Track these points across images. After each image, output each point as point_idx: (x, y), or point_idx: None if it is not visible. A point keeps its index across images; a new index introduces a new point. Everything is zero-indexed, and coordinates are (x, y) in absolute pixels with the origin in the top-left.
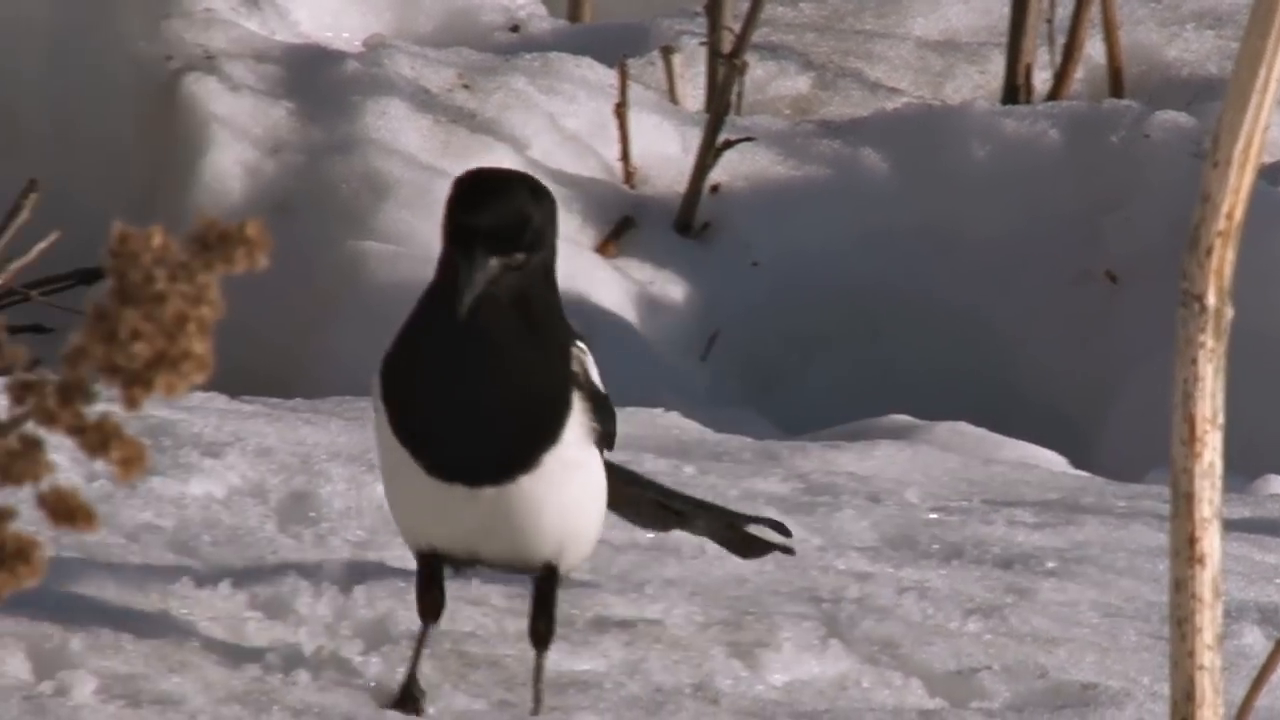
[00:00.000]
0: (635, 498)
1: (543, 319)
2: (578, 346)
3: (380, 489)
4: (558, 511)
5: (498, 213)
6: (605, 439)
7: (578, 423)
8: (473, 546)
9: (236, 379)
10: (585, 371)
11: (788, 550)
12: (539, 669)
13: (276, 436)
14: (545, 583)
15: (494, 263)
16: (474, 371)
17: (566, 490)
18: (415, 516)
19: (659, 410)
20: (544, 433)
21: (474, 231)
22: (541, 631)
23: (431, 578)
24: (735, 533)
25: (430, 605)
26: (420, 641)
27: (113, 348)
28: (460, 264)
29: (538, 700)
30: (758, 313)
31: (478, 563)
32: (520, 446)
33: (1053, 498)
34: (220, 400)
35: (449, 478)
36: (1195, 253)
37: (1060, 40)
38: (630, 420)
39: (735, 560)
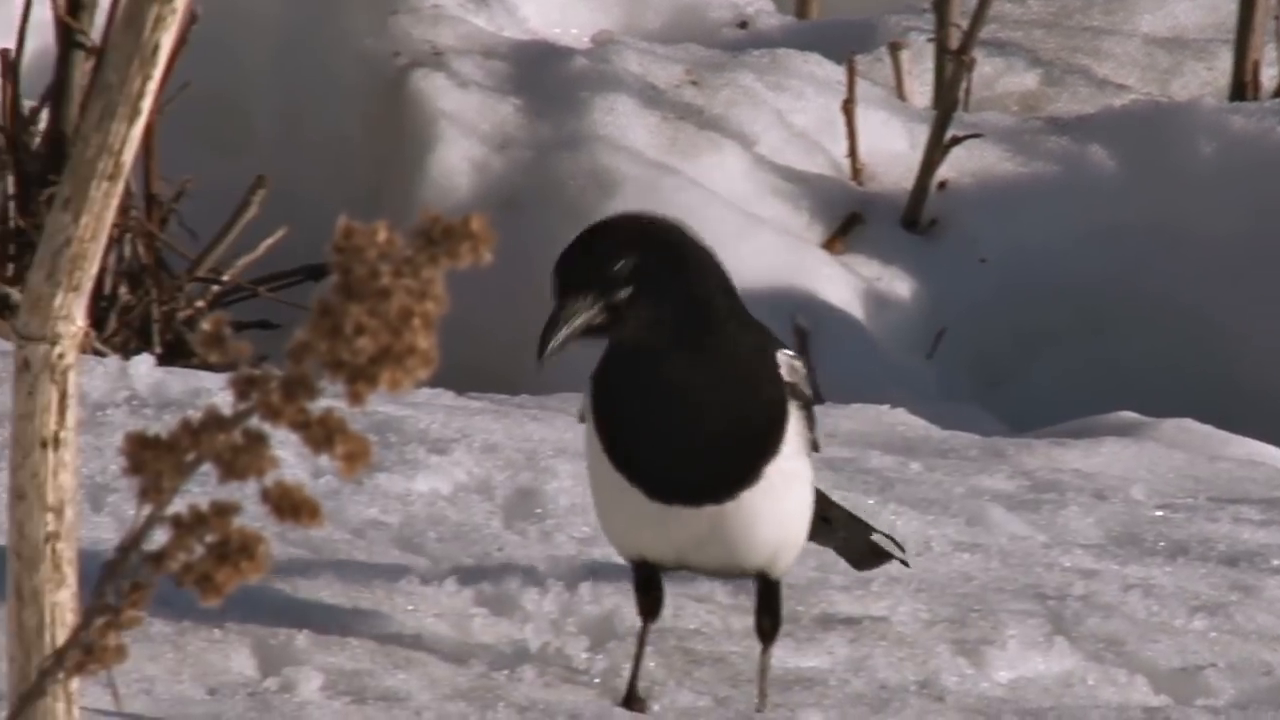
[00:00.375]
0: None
1: (732, 335)
2: (785, 354)
3: None
4: (775, 522)
5: (581, 257)
6: (813, 444)
7: (794, 431)
8: (685, 556)
9: (463, 375)
10: (798, 379)
11: (904, 563)
12: (764, 666)
13: (503, 433)
14: (765, 583)
15: (585, 305)
16: (683, 399)
17: (784, 501)
18: (628, 532)
19: (885, 407)
20: (764, 446)
21: (556, 275)
22: (766, 628)
23: (649, 579)
24: (866, 544)
25: (649, 604)
26: (641, 640)
27: (337, 343)
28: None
29: (762, 697)
30: (984, 309)
31: (686, 569)
32: (742, 462)
33: (1279, 495)
34: (447, 396)
35: (670, 500)
36: None
37: None
38: (856, 417)
39: (962, 557)
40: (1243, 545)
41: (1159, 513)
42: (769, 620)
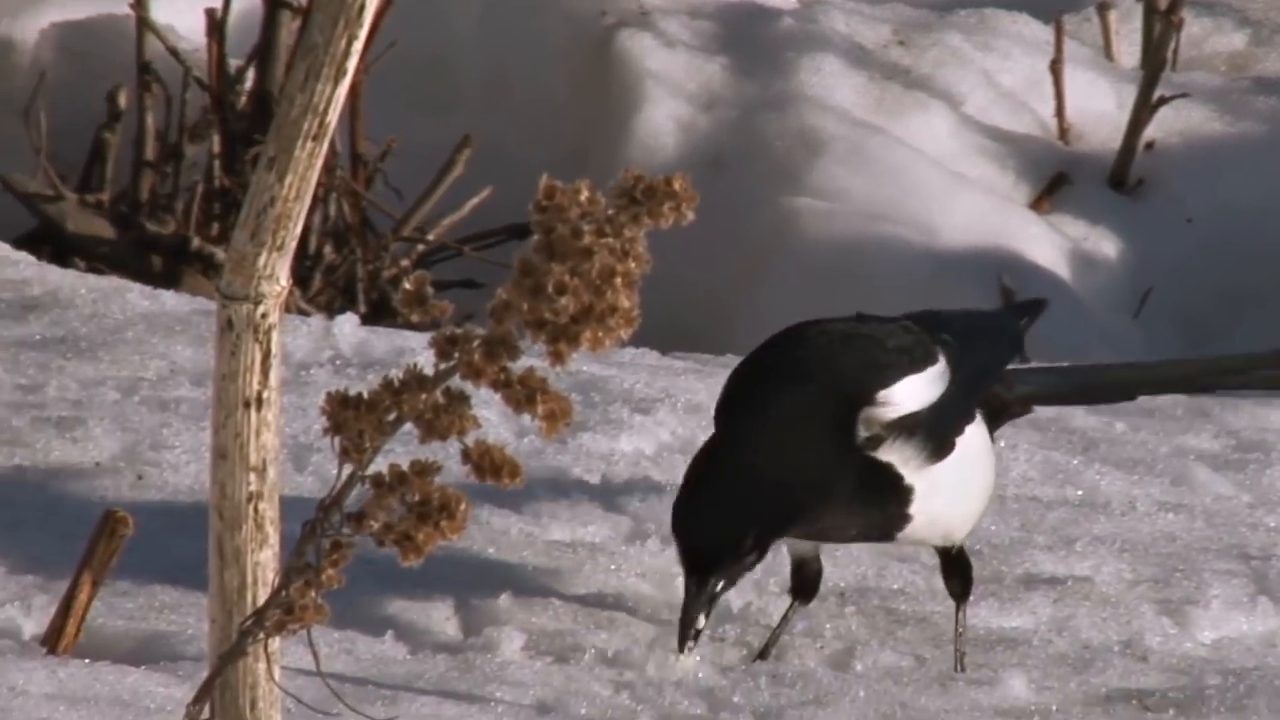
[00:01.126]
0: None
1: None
2: (874, 409)
3: None
4: (939, 535)
5: (710, 541)
6: (1003, 406)
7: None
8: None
9: (667, 335)
10: (895, 423)
11: None
12: (960, 624)
13: (706, 393)
14: (945, 555)
15: (714, 590)
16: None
17: (942, 519)
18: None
19: None
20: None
21: (683, 552)
22: (957, 590)
23: (804, 568)
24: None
25: (800, 589)
26: (786, 619)
27: (539, 302)
28: (686, 588)
29: (959, 655)
30: (1191, 269)
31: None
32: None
33: None
34: (651, 356)
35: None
36: None
37: None
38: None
39: (1166, 517)
40: None
41: None
42: (958, 583)
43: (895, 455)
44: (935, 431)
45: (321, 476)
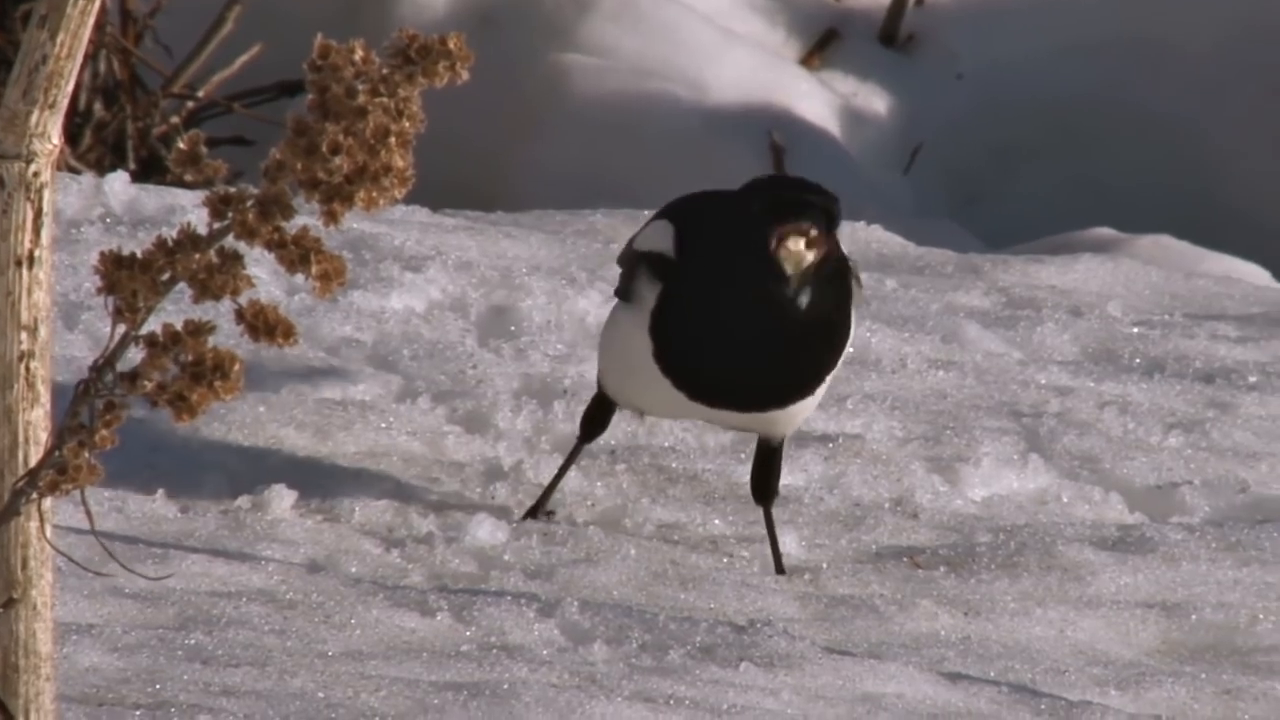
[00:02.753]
0: None
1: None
2: (850, 262)
3: (582, 305)
4: (809, 411)
5: (819, 192)
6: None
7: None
8: (694, 422)
9: (438, 192)
10: (858, 281)
11: None
12: (772, 527)
13: (477, 250)
14: (771, 448)
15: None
16: (785, 344)
17: (821, 392)
18: (642, 403)
19: (861, 223)
20: (829, 369)
21: (799, 206)
22: (769, 491)
23: (609, 413)
24: None
25: (597, 429)
26: (573, 457)
27: (313, 162)
28: (785, 244)
29: (778, 558)
30: (961, 125)
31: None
32: (808, 385)
33: (1256, 311)
34: (421, 213)
35: (716, 405)
36: None
37: None
38: None
39: (937, 374)
40: (1219, 362)
41: (1135, 329)
42: (774, 483)
43: (854, 324)
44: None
45: (92, 335)
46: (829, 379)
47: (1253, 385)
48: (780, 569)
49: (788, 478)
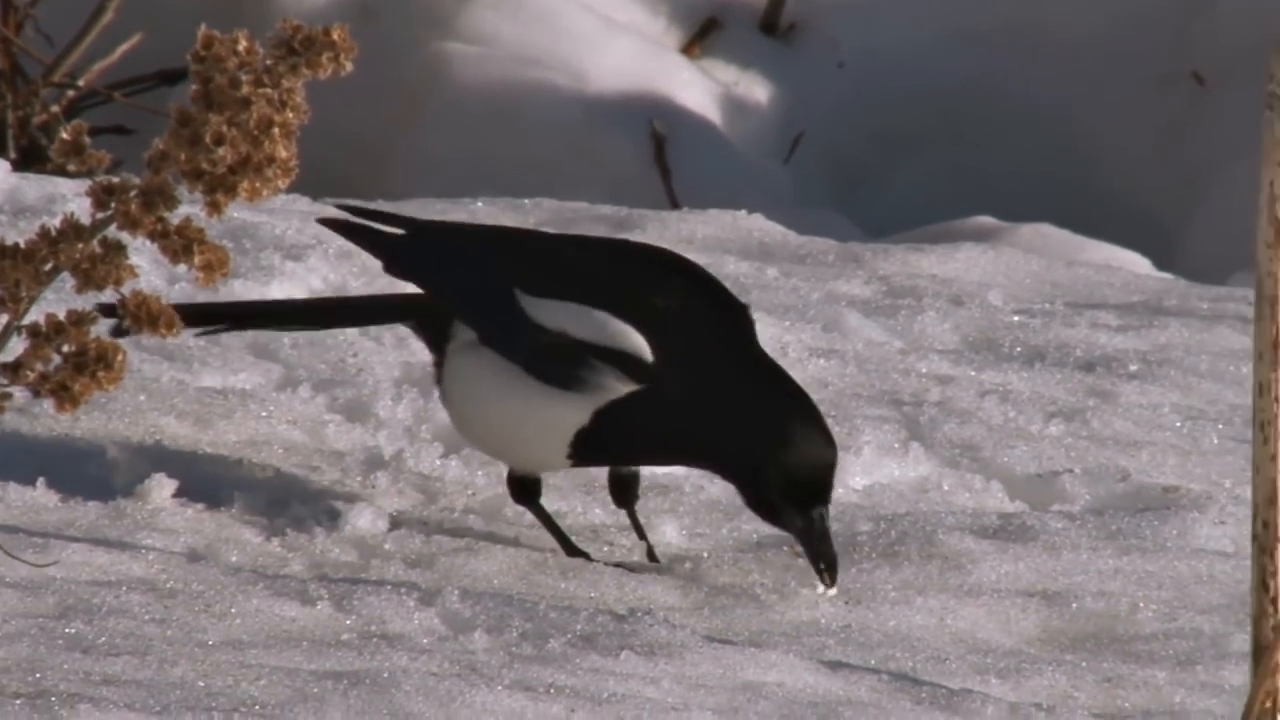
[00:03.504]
0: None
1: None
2: None
3: None
4: None
5: (831, 467)
6: None
7: None
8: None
9: (320, 181)
10: None
11: None
12: (637, 521)
13: None
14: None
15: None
16: None
17: None
18: (539, 470)
19: (742, 212)
20: None
21: (812, 495)
22: (630, 496)
23: (535, 479)
24: None
25: (534, 494)
26: (543, 512)
27: (197, 152)
28: (800, 534)
29: (650, 549)
30: (842, 114)
31: None
32: None
33: (1136, 300)
34: (302, 203)
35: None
36: None
37: None
38: (713, 222)
39: (818, 363)
40: (1099, 350)
41: (1016, 318)
42: (635, 489)
43: None
44: None
45: None
46: None
47: (1133, 374)
48: (653, 558)
49: (668, 467)
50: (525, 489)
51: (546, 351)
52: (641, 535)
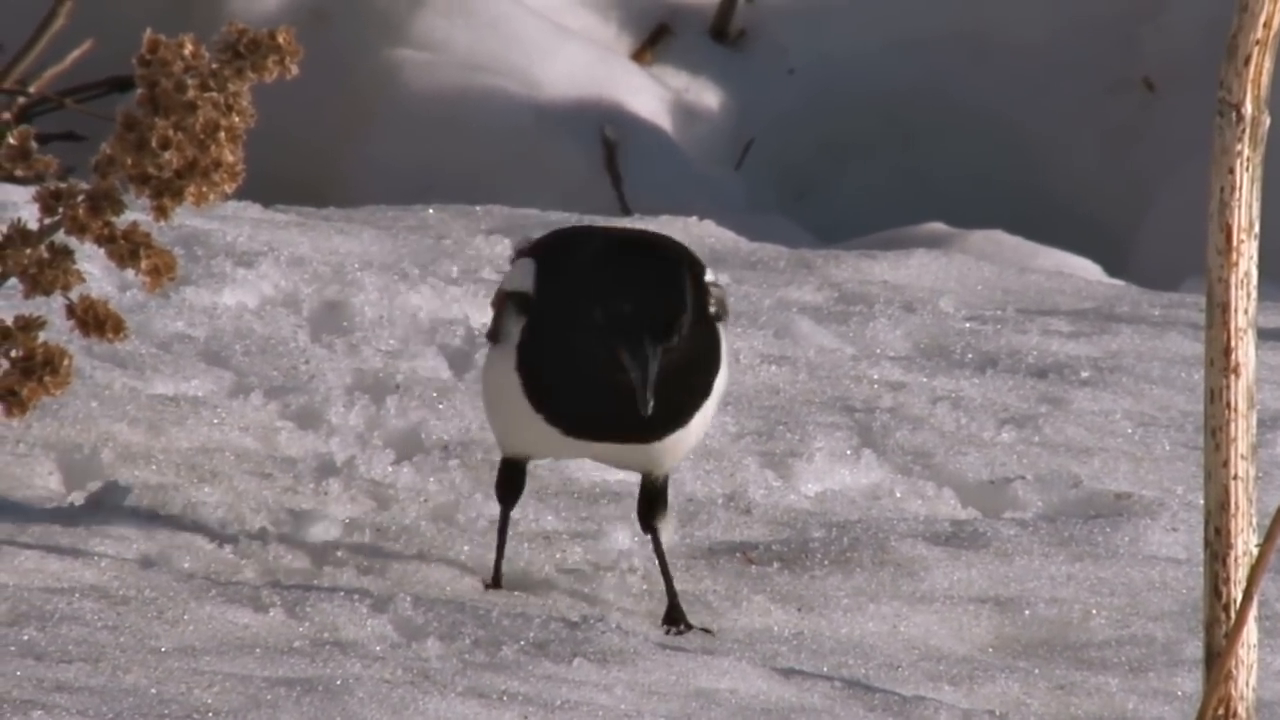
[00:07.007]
0: None
1: (700, 325)
2: (713, 286)
3: (414, 300)
4: (690, 445)
5: (661, 306)
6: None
7: (722, 377)
8: (582, 460)
9: (270, 187)
10: (721, 305)
11: None
12: (662, 555)
13: (309, 245)
14: (657, 489)
15: (655, 355)
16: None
17: (700, 428)
18: (526, 445)
19: (693, 219)
20: (700, 402)
21: (639, 325)
22: (658, 518)
23: (520, 471)
24: None
25: (512, 492)
26: (504, 527)
27: (143, 157)
28: (629, 361)
29: (669, 583)
30: (793, 120)
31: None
32: (680, 418)
33: (1088, 306)
34: (254, 209)
35: (592, 439)
36: (1233, 61)
37: None
38: (664, 229)
39: (770, 369)
40: (1051, 357)
41: (968, 324)
42: (660, 513)
43: (725, 360)
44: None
45: None
46: (707, 411)
47: (1085, 380)
48: (675, 605)
49: (620, 472)
50: (507, 483)
51: (493, 310)
52: (664, 569)
